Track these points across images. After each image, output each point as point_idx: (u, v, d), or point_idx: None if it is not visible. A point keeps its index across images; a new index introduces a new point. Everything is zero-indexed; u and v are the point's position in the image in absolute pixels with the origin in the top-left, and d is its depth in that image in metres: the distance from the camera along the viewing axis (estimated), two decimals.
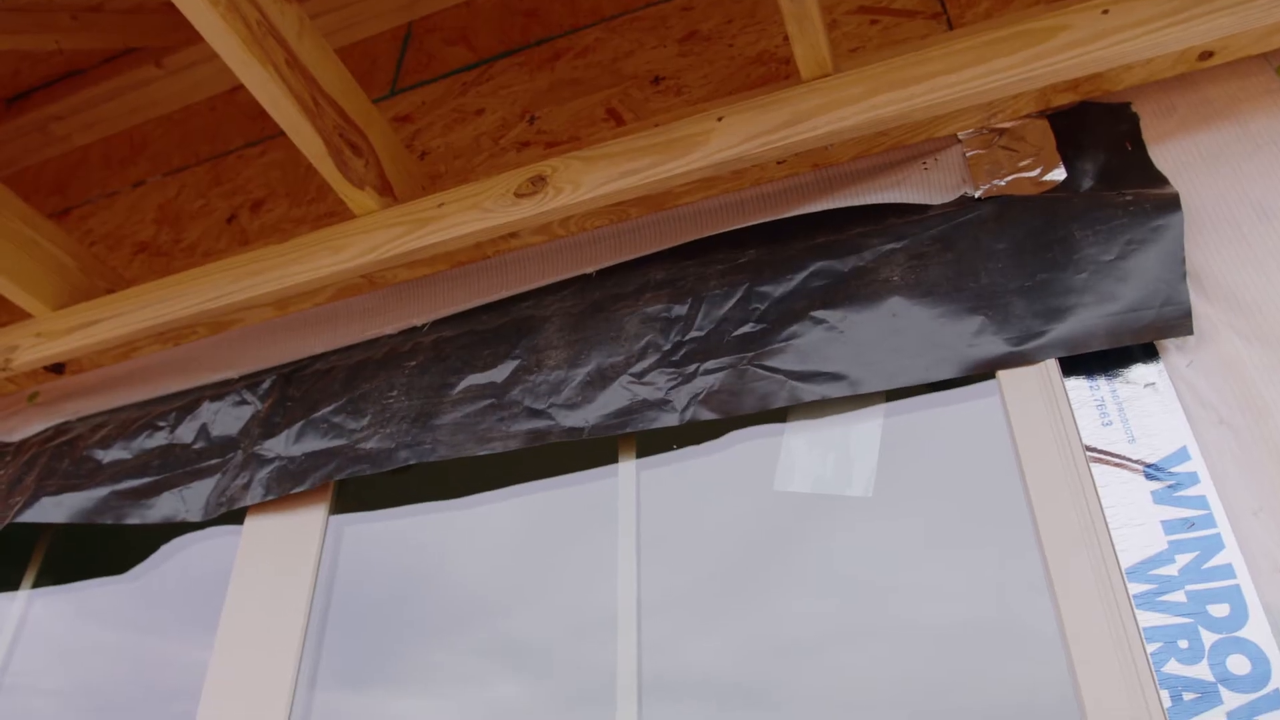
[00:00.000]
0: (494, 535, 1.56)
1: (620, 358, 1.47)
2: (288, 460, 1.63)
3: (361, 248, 1.69)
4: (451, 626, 1.51)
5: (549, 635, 1.43)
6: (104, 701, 1.82)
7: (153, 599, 1.86)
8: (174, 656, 1.80)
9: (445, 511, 1.59)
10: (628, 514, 1.42)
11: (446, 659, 1.49)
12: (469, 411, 1.52)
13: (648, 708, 1.28)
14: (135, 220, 2.45)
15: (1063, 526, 1.17)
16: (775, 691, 1.26)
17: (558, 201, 1.57)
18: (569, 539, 1.48)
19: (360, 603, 1.57)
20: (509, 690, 1.43)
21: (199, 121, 2.60)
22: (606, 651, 1.36)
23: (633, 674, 1.30)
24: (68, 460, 1.87)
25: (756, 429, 1.42)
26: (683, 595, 1.36)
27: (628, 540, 1.40)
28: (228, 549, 1.78)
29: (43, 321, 2.02)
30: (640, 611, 1.34)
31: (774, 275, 1.47)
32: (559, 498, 1.51)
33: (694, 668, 1.31)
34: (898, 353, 1.33)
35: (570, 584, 1.45)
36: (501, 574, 1.52)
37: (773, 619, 1.30)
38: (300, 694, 1.50)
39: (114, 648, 1.87)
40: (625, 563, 1.38)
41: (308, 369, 1.76)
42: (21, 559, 2.00)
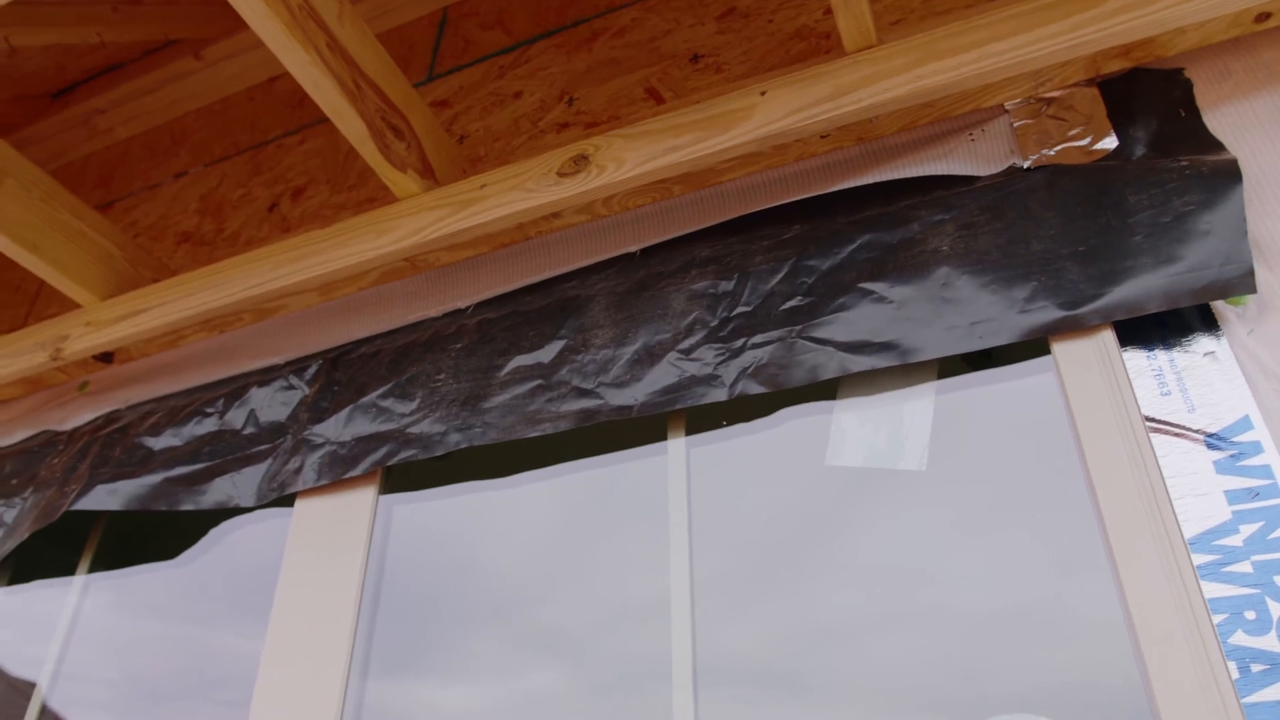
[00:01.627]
0: (540, 515, 1.56)
1: (667, 335, 1.47)
2: (338, 445, 1.64)
3: (405, 230, 1.70)
4: (496, 612, 1.51)
5: (597, 618, 1.43)
6: (151, 690, 1.85)
7: (202, 585, 1.88)
8: (222, 644, 1.82)
9: (492, 491, 1.59)
10: (678, 492, 1.41)
11: (490, 646, 1.50)
12: (517, 393, 1.52)
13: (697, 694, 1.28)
14: (178, 211, 2.47)
15: (1124, 498, 1.15)
16: (815, 678, 1.25)
17: (600, 180, 1.56)
18: (617, 518, 1.48)
19: (407, 586, 1.58)
20: (555, 677, 1.44)
21: (238, 112, 2.61)
22: (660, 636, 1.36)
23: (687, 659, 1.29)
24: (120, 448, 1.89)
25: (806, 406, 1.41)
26: (725, 578, 1.36)
27: (679, 520, 1.39)
28: (275, 532, 1.80)
29: (91, 311, 2.05)
30: (694, 594, 1.33)
31: (821, 249, 1.46)
32: (607, 476, 1.51)
33: (733, 654, 1.30)
34: (948, 321, 1.31)
35: (618, 564, 1.45)
36: (547, 556, 1.52)
37: (817, 603, 1.29)
38: (353, 682, 1.51)
39: (162, 635, 1.90)
40: (677, 543, 1.38)
41: (353, 353, 1.77)
42: (77, 545, 2.03)
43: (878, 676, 1.22)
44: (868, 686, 1.22)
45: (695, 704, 1.25)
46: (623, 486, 1.51)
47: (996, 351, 1.38)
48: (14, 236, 1.90)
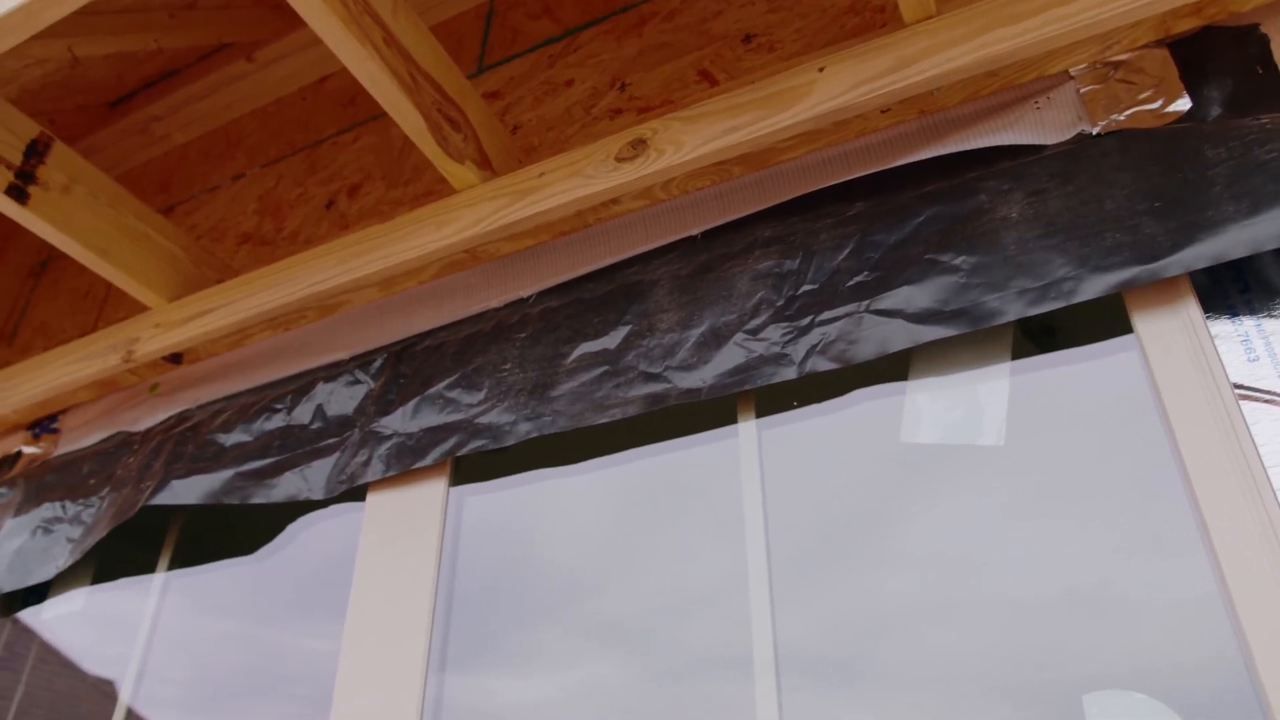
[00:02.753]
0: (607, 502, 1.56)
1: (733, 316, 1.46)
2: (405, 436, 1.66)
3: (465, 222, 1.71)
4: (561, 602, 1.51)
5: (666, 605, 1.42)
6: (221, 687, 1.88)
7: (272, 582, 1.91)
8: (290, 641, 1.85)
9: (562, 478, 1.59)
10: (751, 475, 1.40)
11: (556, 636, 1.50)
12: (585, 380, 1.52)
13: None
14: (237, 212, 2.51)
15: (1214, 467, 1.12)
16: (879, 665, 1.23)
17: (660, 164, 1.55)
18: (683, 504, 1.48)
19: (478, 577, 1.59)
20: (634, 665, 1.44)
21: (291, 112, 2.65)
22: (727, 623, 1.35)
23: (768, 646, 1.27)
24: (192, 445, 1.93)
25: (879, 387, 1.39)
26: (786, 564, 1.35)
27: (754, 503, 1.38)
28: (347, 526, 1.82)
29: (160, 313, 2.09)
30: (772, 580, 1.32)
31: (886, 225, 1.44)
32: (675, 461, 1.50)
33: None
34: (1020, 284, 1.28)
35: (684, 552, 1.44)
36: (614, 544, 1.52)
37: (880, 589, 1.27)
38: (431, 676, 1.51)
39: (232, 633, 1.93)
40: (752, 527, 1.36)
41: (417, 346, 1.79)
42: (155, 544, 2.07)
43: (945, 664, 1.20)
44: (933, 675, 1.20)
45: (778, 692, 1.24)
46: (689, 472, 1.50)
47: (1073, 330, 1.35)
48: (85, 242, 1.94)
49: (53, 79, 2.43)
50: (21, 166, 1.85)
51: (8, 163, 1.83)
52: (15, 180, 1.84)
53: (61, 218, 1.91)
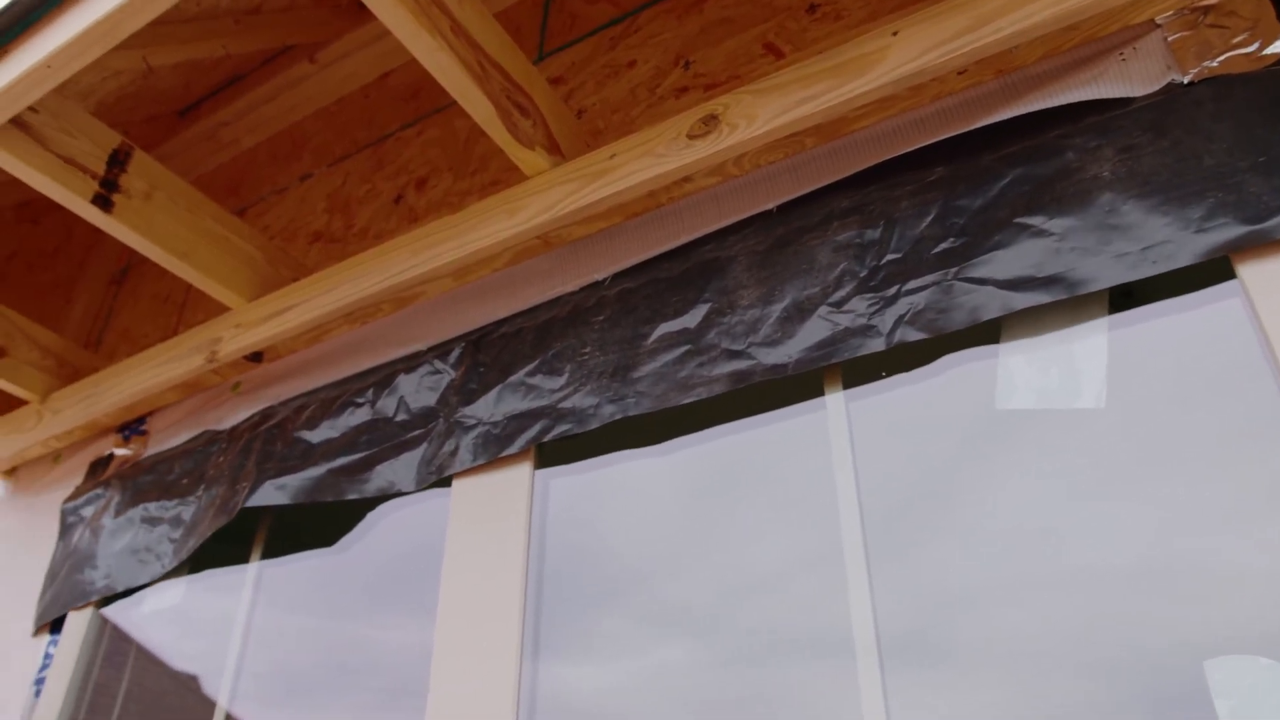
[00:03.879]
0: (693, 479, 1.55)
1: (816, 289, 1.44)
2: (490, 425, 1.67)
3: (537, 207, 1.71)
4: (653, 581, 1.51)
5: (769, 577, 1.41)
6: (300, 681, 1.91)
7: (348, 575, 1.93)
8: (366, 633, 1.87)
9: (646, 459, 1.59)
10: (842, 448, 1.38)
11: (652, 617, 1.50)
12: (667, 360, 1.52)
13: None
14: (307, 212, 2.55)
15: None
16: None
17: (733, 139, 1.54)
18: (776, 478, 1.46)
19: (567, 561, 1.59)
20: (746, 641, 1.43)
21: (355, 111, 2.68)
22: (830, 597, 1.34)
23: (869, 624, 1.25)
24: (280, 443, 1.97)
25: (969, 352, 1.36)
26: (885, 533, 1.33)
27: (846, 476, 1.36)
28: (423, 514, 1.84)
29: (240, 313, 2.13)
30: (869, 556, 1.30)
31: (969, 188, 1.40)
32: (763, 437, 1.49)
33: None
34: (1117, 248, 1.24)
35: (772, 526, 1.43)
36: (700, 521, 1.51)
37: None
38: (525, 663, 1.52)
39: (313, 626, 1.96)
40: (846, 500, 1.34)
41: (494, 334, 1.80)
42: (248, 536, 2.12)
43: (1031, 639, 1.17)
44: (1021, 650, 1.17)
45: (881, 672, 1.22)
46: (775, 448, 1.48)
47: (1169, 277, 1.30)
48: (167, 246, 1.98)
49: (126, 91, 2.49)
50: (105, 175, 1.90)
51: (92, 172, 1.88)
52: (100, 189, 1.88)
53: (144, 224, 1.95)
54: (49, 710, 2.12)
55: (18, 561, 2.51)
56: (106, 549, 2.20)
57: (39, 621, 2.26)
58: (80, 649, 2.19)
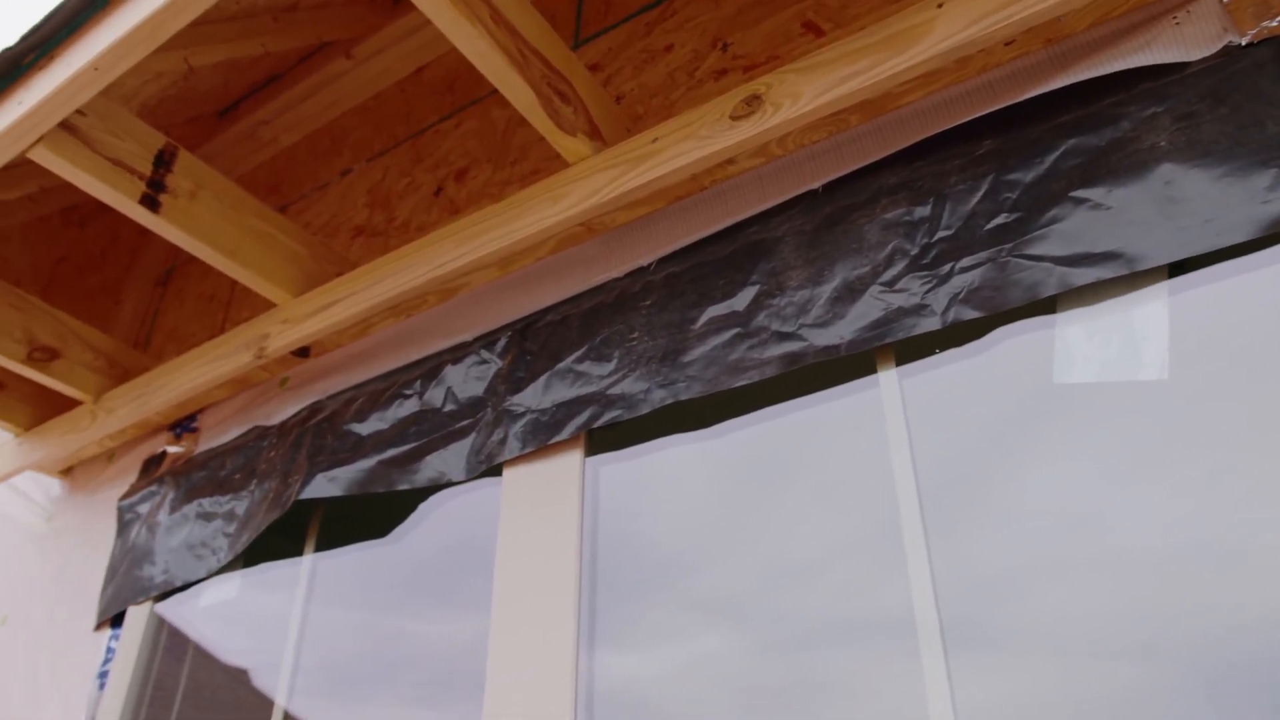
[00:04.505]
0: (743, 464, 1.54)
1: (866, 268, 1.42)
2: (539, 412, 1.67)
3: (581, 194, 1.71)
4: (702, 568, 1.50)
5: (823, 558, 1.40)
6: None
7: (400, 566, 1.94)
8: (406, 627, 1.88)
9: (698, 442, 1.58)
10: (897, 427, 1.37)
11: (709, 603, 1.49)
12: (716, 344, 1.51)
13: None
14: (348, 207, 2.56)
15: None
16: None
17: (777, 118, 1.52)
18: (828, 458, 1.45)
19: (618, 548, 1.59)
20: (804, 621, 1.42)
21: (392, 105, 2.69)
22: (886, 581, 1.32)
23: (930, 606, 1.23)
24: (330, 436, 1.98)
25: (1024, 324, 1.33)
26: (937, 513, 1.31)
27: (901, 455, 1.35)
28: (480, 503, 1.85)
29: (287, 309, 2.15)
30: (928, 536, 1.28)
31: (1021, 162, 1.38)
32: (814, 416, 1.47)
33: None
34: (1178, 222, 1.22)
35: (834, 505, 1.42)
36: (748, 504, 1.50)
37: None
38: (582, 654, 1.51)
39: (358, 620, 1.98)
40: (903, 480, 1.33)
41: (540, 322, 1.80)
42: (301, 529, 2.14)
43: (1081, 621, 1.15)
44: (1068, 633, 1.15)
45: (946, 657, 1.20)
46: (826, 428, 1.47)
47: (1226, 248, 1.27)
48: (213, 244, 2.00)
49: (168, 93, 2.51)
50: (152, 176, 1.92)
51: (139, 173, 1.90)
52: (147, 190, 1.91)
53: (191, 223, 1.97)
54: (113, 702, 2.16)
55: (77, 558, 2.56)
56: (163, 545, 2.23)
57: (101, 616, 2.31)
58: (141, 643, 2.23)
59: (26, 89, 1.74)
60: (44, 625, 2.50)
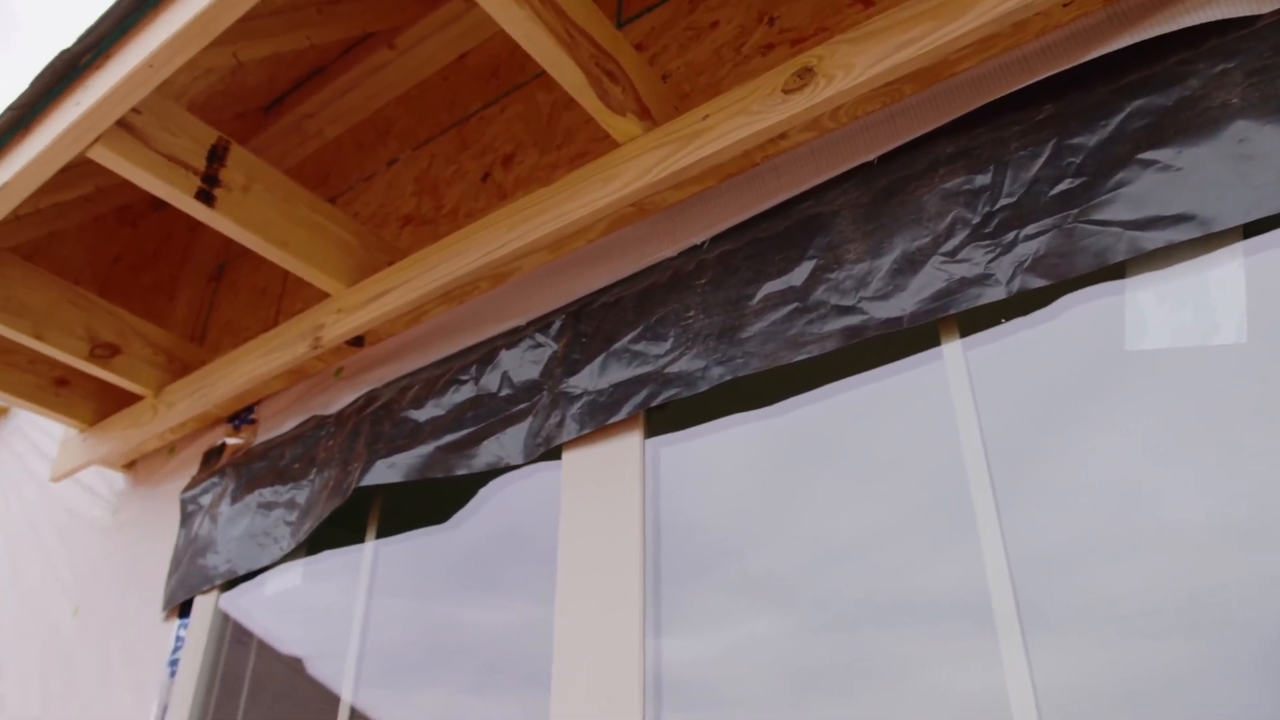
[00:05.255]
0: (804, 441, 1.53)
1: (926, 239, 1.40)
2: (596, 394, 1.67)
3: (632, 174, 1.70)
4: (766, 545, 1.50)
5: (891, 535, 1.39)
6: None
7: (456, 552, 1.96)
8: (456, 615, 1.90)
9: (759, 421, 1.57)
10: (964, 399, 1.35)
11: (769, 581, 1.49)
12: (774, 320, 1.50)
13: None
14: (395, 196, 2.58)
15: None
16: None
17: (830, 90, 1.50)
18: (893, 432, 1.43)
19: (683, 526, 1.59)
20: (856, 596, 1.41)
21: (435, 94, 2.69)
22: (961, 559, 1.31)
23: (1005, 583, 1.21)
24: (388, 423, 2.00)
25: (1091, 290, 1.31)
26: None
27: (970, 429, 1.32)
28: (540, 487, 1.86)
29: (340, 299, 2.17)
30: (1000, 513, 1.26)
31: (1083, 125, 1.35)
32: (877, 391, 1.46)
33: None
34: (1253, 180, 1.18)
35: (893, 483, 1.40)
36: (809, 481, 1.49)
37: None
38: (649, 638, 1.51)
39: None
40: (972, 454, 1.31)
41: (594, 304, 1.80)
42: (362, 517, 2.17)
43: (1144, 597, 1.12)
44: (1131, 610, 1.13)
45: (1024, 639, 1.18)
46: (891, 401, 1.45)
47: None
48: (267, 236, 2.02)
49: (216, 89, 2.54)
50: (206, 171, 1.95)
51: (194, 168, 1.93)
52: (202, 184, 1.93)
53: (245, 216, 2.00)
54: (184, 689, 2.21)
55: (142, 549, 2.61)
56: (226, 535, 2.27)
57: (167, 605, 2.35)
58: (208, 632, 2.28)
59: (84, 89, 1.77)
60: (113, 615, 2.56)
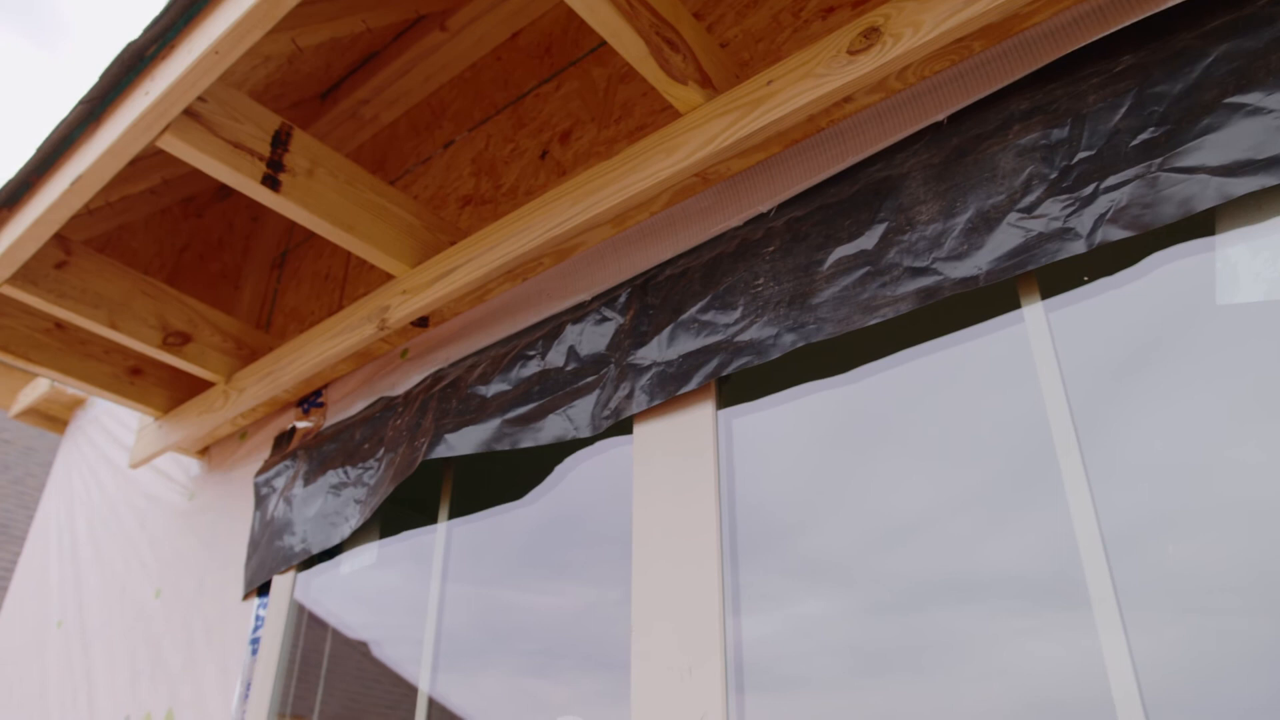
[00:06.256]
0: (878, 411, 1.51)
1: (1002, 196, 1.37)
2: (665, 364, 1.67)
3: (695, 143, 1.69)
4: (827, 521, 1.49)
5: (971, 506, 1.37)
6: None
7: (508, 534, 1.97)
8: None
9: (832, 389, 1.56)
10: (1047, 362, 1.32)
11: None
12: (846, 284, 1.48)
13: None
14: (454, 178, 2.59)
15: None
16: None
17: (897, 50, 1.47)
18: (972, 397, 1.41)
19: (758, 498, 1.58)
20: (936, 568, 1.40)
21: (489, 74, 2.70)
22: (1047, 530, 1.29)
23: (1099, 556, 1.19)
24: (455, 399, 2.02)
25: (1179, 247, 1.27)
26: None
27: (1055, 395, 1.30)
28: (596, 468, 1.86)
29: (405, 280, 2.19)
30: (1091, 484, 1.23)
31: (1166, 73, 1.30)
32: (957, 356, 1.43)
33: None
34: None
35: (972, 452, 1.38)
36: (884, 457, 1.47)
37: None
38: (729, 617, 1.50)
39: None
40: (1059, 422, 1.28)
41: (659, 276, 1.79)
42: (433, 502, 2.19)
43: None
44: (1199, 587, 1.09)
45: (1121, 614, 1.15)
46: (967, 367, 1.43)
47: None
48: (332, 219, 2.05)
49: (274, 78, 2.57)
50: (270, 156, 1.97)
51: (259, 154, 1.95)
52: (268, 170, 1.96)
53: (310, 200, 2.02)
54: (266, 666, 2.26)
55: (219, 532, 2.67)
56: (300, 515, 2.32)
57: (248, 587, 2.41)
58: (287, 611, 2.32)
59: (152, 79, 1.80)
60: (194, 596, 2.62)
